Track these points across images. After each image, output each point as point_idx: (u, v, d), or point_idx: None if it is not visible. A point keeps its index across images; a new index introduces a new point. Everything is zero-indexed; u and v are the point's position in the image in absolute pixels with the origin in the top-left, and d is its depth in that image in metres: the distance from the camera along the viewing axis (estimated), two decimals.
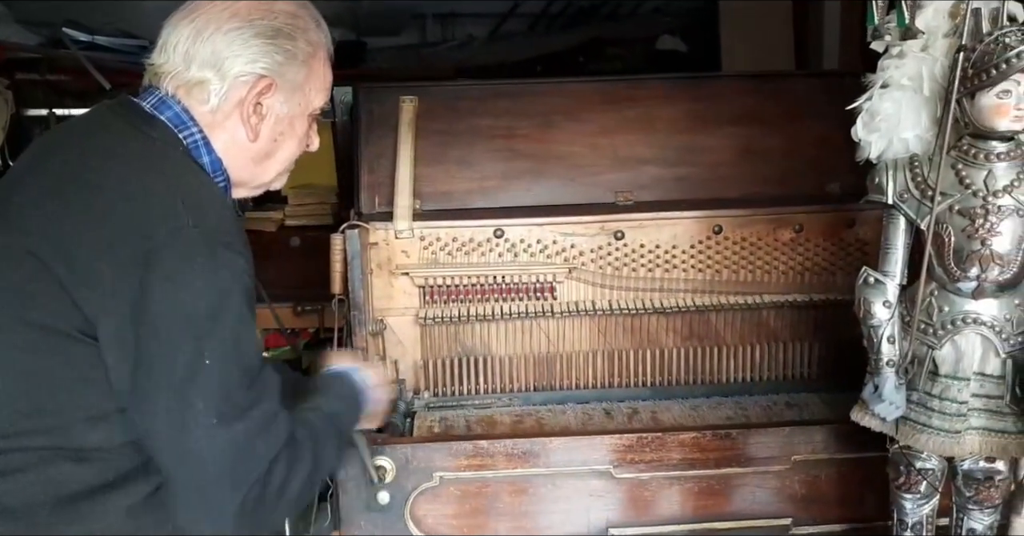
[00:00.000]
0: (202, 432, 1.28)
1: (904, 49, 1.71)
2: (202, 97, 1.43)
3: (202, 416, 1.28)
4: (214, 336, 1.29)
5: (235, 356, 1.32)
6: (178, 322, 1.28)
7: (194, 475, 1.31)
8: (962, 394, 1.67)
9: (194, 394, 1.28)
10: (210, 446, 1.29)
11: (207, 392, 1.29)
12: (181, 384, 1.28)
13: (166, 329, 1.27)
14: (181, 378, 1.28)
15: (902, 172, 1.71)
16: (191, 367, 1.28)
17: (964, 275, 1.64)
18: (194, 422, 1.28)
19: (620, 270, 2.28)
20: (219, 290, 1.30)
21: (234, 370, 1.31)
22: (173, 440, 1.30)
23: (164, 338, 1.27)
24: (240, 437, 1.31)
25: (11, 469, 1.31)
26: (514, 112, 2.42)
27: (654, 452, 1.91)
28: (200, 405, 1.28)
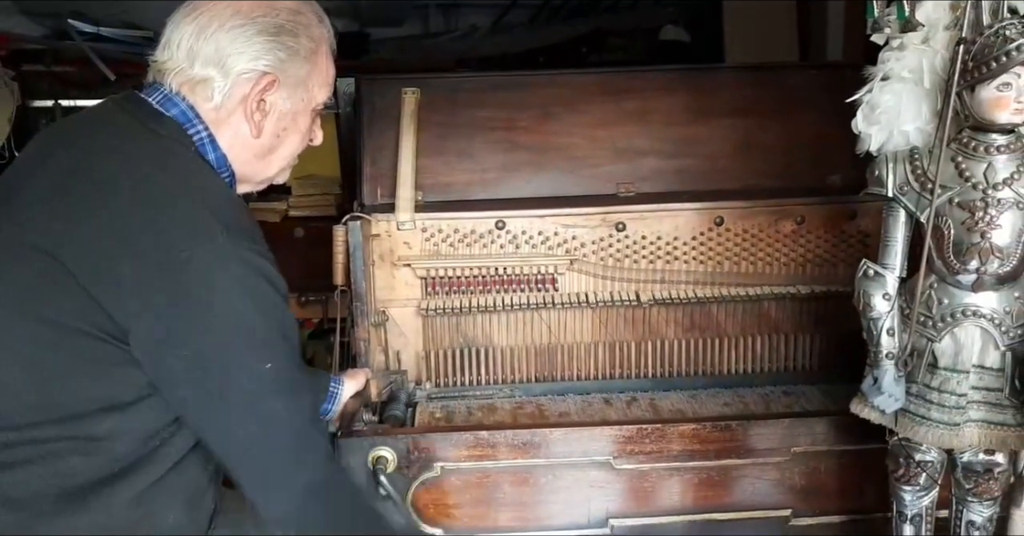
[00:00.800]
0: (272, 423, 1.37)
1: (904, 41, 1.71)
2: (206, 94, 1.44)
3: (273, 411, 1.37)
4: (266, 341, 1.36)
5: (288, 353, 1.39)
6: (234, 331, 1.33)
7: (268, 462, 1.39)
8: (961, 387, 1.67)
9: (262, 396, 1.36)
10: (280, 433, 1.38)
11: (273, 391, 1.36)
12: (248, 389, 1.34)
13: (225, 337, 1.32)
14: (248, 383, 1.34)
15: (902, 165, 1.71)
16: (252, 374, 1.34)
17: (964, 268, 1.64)
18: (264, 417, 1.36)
19: (621, 261, 2.29)
20: (259, 296, 1.34)
21: (290, 368, 1.39)
22: (244, 436, 1.37)
23: (224, 346, 1.32)
24: (300, 426, 1.41)
25: (20, 461, 1.32)
26: (514, 104, 2.42)
27: (654, 443, 1.92)
28: (269, 403, 1.37)
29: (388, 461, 1.85)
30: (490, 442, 1.90)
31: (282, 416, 1.38)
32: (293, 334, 1.43)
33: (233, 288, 1.32)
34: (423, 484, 1.91)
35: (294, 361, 1.41)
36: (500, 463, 1.91)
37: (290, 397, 1.38)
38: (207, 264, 1.30)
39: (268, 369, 1.34)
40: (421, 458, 1.89)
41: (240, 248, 1.33)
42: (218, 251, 1.31)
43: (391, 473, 1.85)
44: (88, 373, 1.32)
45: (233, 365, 1.33)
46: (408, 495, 1.90)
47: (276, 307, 1.37)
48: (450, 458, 1.90)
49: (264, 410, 1.36)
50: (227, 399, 1.34)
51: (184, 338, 1.30)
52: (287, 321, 1.41)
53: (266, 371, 1.34)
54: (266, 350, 1.35)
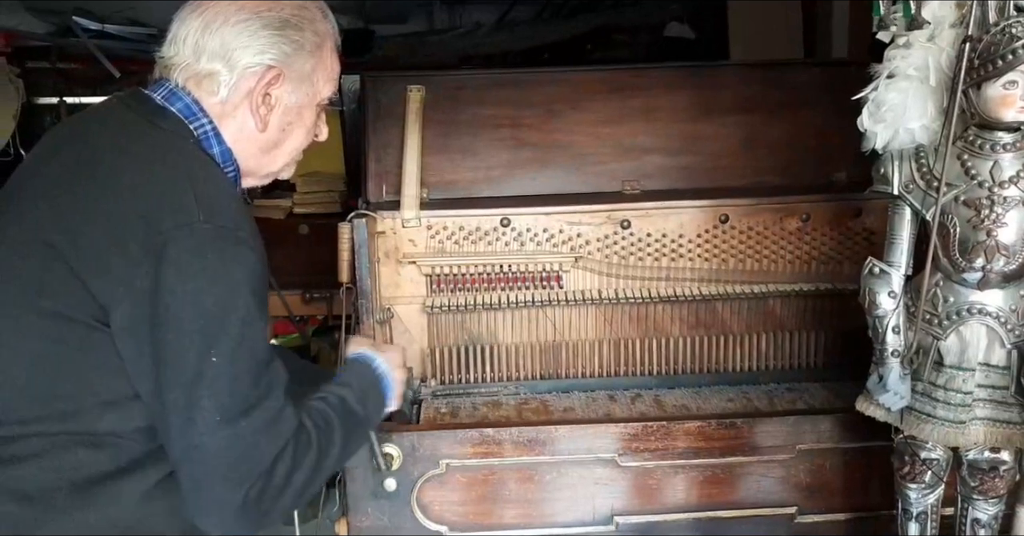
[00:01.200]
0: (205, 429, 1.30)
1: (910, 39, 1.70)
2: (212, 88, 1.44)
3: (207, 413, 1.29)
4: (222, 334, 1.30)
5: (242, 354, 1.32)
6: (188, 318, 1.29)
7: (197, 470, 1.32)
8: (967, 384, 1.67)
9: (200, 391, 1.29)
10: (212, 443, 1.30)
11: (212, 390, 1.30)
12: (189, 381, 1.29)
13: (176, 325, 1.28)
14: (189, 375, 1.29)
15: (908, 163, 1.70)
16: (199, 364, 1.29)
17: (969, 266, 1.64)
18: (200, 419, 1.29)
19: (626, 259, 2.29)
20: (229, 287, 1.31)
21: (241, 368, 1.32)
22: (179, 434, 1.31)
23: (175, 333, 1.29)
24: (243, 434, 1.32)
25: (28, 454, 1.33)
26: (518, 101, 2.42)
27: (659, 441, 1.92)
28: (205, 402, 1.29)
29: (393, 458, 1.86)
30: (495, 439, 1.90)
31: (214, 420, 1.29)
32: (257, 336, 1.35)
33: (199, 275, 1.29)
34: (428, 481, 1.91)
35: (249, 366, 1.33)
36: (505, 460, 1.91)
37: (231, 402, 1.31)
38: (182, 248, 1.29)
39: (212, 364, 1.29)
40: (426, 455, 1.89)
41: (219, 235, 1.31)
42: (194, 236, 1.30)
43: (396, 470, 1.86)
44: (90, 367, 1.32)
45: (179, 358, 1.29)
46: (414, 492, 1.91)
47: (241, 303, 1.31)
48: (455, 455, 1.90)
49: (198, 410, 1.29)
50: (169, 394, 1.30)
51: (147, 327, 1.29)
52: (251, 320, 1.33)
53: (209, 366, 1.29)
54: (214, 344, 1.29)
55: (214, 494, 1.33)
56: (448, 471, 1.91)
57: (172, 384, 1.30)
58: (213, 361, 1.29)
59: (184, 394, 1.29)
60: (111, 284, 1.30)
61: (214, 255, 1.31)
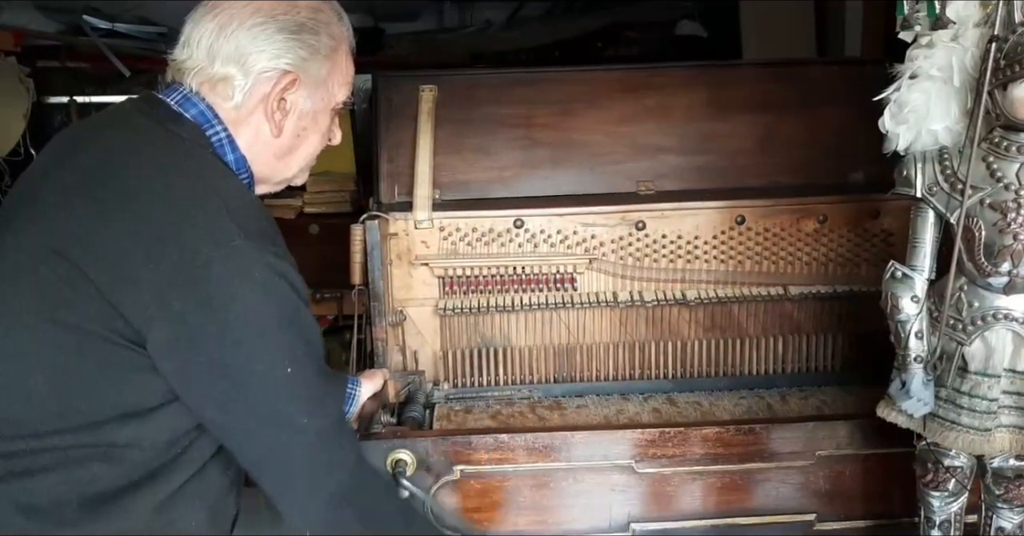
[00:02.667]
0: (297, 431, 1.36)
1: (934, 39, 1.67)
2: (226, 93, 1.42)
3: (294, 417, 1.35)
4: (288, 346, 1.33)
5: (308, 358, 1.36)
6: (253, 336, 1.30)
7: (293, 470, 1.37)
8: (992, 391, 1.63)
9: (282, 401, 1.34)
10: (304, 441, 1.36)
11: (293, 397, 1.34)
12: (268, 394, 1.33)
13: (243, 343, 1.30)
14: (267, 388, 1.32)
15: (931, 165, 1.67)
16: (274, 378, 1.32)
17: (995, 270, 1.60)
18: (288, 423, 1.35)
19: (641, 261, 2.26)
20: (281, 301, 1.32)
21: (311, 370, 1.37)
22: (268, 444, 1.36)
23: (242, 352, 1.30)
24: (327, 427, 1.39)
25: (40, 468, 1.31)
26: (532, 100, 2.40)
27: (676, 447, 1.89)
28: (290, 409, 1.35)
29: (407, 464, 1.83)
30: (510, 445, 1.88)
31: (303, 423, 1.36)
32: (315, 338, 1.40)
33: (253, 293, 1.29)
34: (442, 487, 1.88)
35: (316, 366, 1.39)
36: (520, 466, 1.89)
37: (312, 403, 1.37)
38: (226, 269, 1.28)
39: (288, 375, 1.32)
40: (440, 461, 1.87)
41: (260, 251, 1.31)
42: (237, 255, 1.29)
43: (410, 477, 1.83)
44: (109, 379, 1.31)
45: (251, 372, 1.31)
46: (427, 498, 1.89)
47: (297, 311, 1.35)
48: (470, 461, 1.88)
49: (285, 417, 1.34)
50: (246, 407, 1.33)
51: (201, 344, 1.29)
52: (309, 325, 1.39)
53: (286, 377, 1.32)
54: (286, 356, 1.33)
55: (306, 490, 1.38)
56: (462, 477, 1.88)
57: (249, 399, 1.32)
58: (288, 372, 1.33)
59: (266, 408, 1.33)
60: (139, 300, 1.28)
61: (260, 272, 1.31)
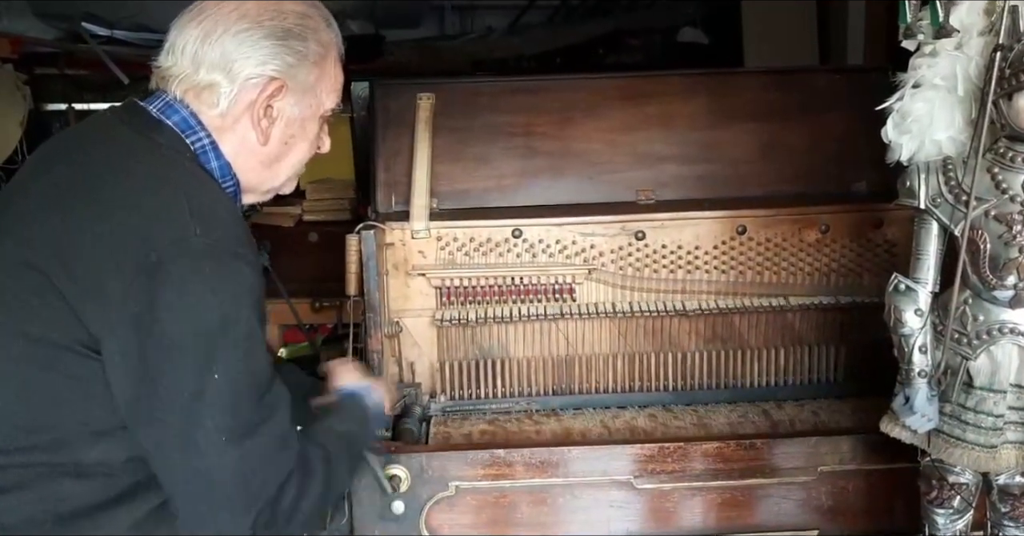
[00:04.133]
0: (211, 450, 1.25)
1: (937, 48, 1.65)
2: (211, 100, 1.40)
3: (211, 433, 1.24)
4: (223, 350, 1.25)
5: (245, 371, 1.28)
6: (185, 335, 1.23)
7: (202, 496, 1.27)
8: (998, 407, 1.61)
9: (202, 410, 1.24)
10: (219, 465, 1.25)
11: (216, 408, 1.25)
12: (189, 400, 1.24)
13: (173, 342, 1.23)
14: (189, 394, 1.24)
15: (935, 175, 1.65)
16: (199, 382, 1.24)
17: (1000, 283, 1.57)
18: (204, 440, 1.24)
19: (641, 271, 2.23)
20: (228, 302, 1.26)
21: (244, 385, 1.27)
22: (180, 459, 1.26)
23: (171, 352, 1.23)
24: (250, 456, 1.27)
25: (10, 486, 1.28)
26: (531, 108, 2.38)
27: (676, 462, 1.87)
28: (209, 422, 1.24)
29: (401, 480, 1.81)
30: (507, 461, 1.86)
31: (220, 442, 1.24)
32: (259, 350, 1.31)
33: (199, 290, 1.24)
34: (437, 504, 1.86)
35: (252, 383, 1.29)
36: (517, 482, 1.87)
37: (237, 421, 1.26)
38: (177, 266, 1.23)
39: (216, 382, 1.24)
40: (435, 477, 1.84)
41: (216, 249, 1.26)
42: (190, 252, 1.24)
43: (404, 492, 1.81)
44: (78, 394, 1.27)
45: (177, 377, 1.24)
46: (422, 514, 1.86)
47: (245, 320, 1.27)
48: (466, 477, 1.86)
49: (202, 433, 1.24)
50: (166, 415, 1.25)
51: (138, 348, 1.23)
52: (252, 335, 1.29)
53: (214, 385, 1.24)
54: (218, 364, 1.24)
55: (220, 523, 1.28)
56: (458, 493, 1.86)
57: (170, 405, 1.24)
58: (215, 378, 1.24)
59: (184, 414, 1.24)
60: (104, 310, 1.24)
61: (212, 270, 1.26)
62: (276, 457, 1.31)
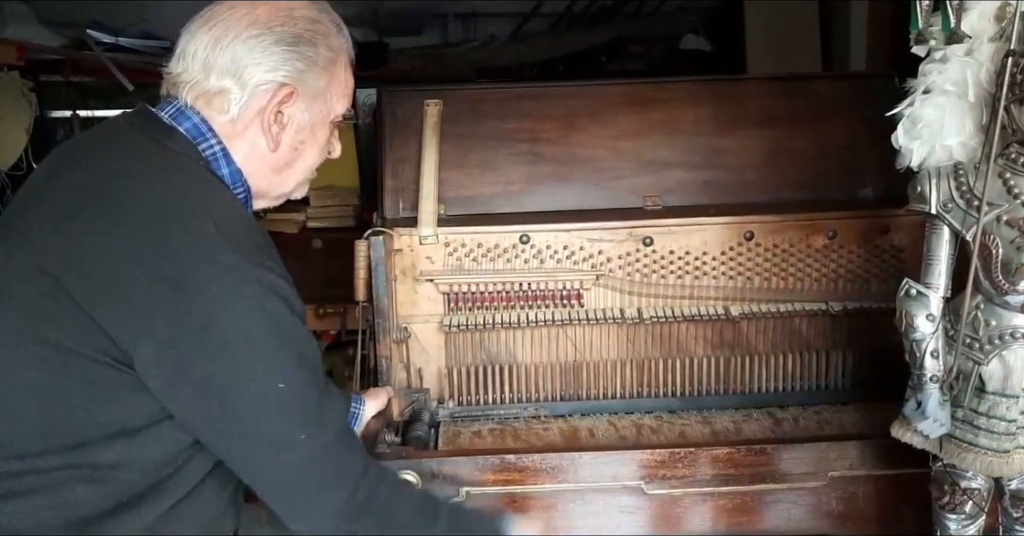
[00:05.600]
0: (296, 449, 1.32)
1: (948, 53, 1.65)
2: (222, 107, 1.40)
3: (291, 434, 1.31)
4: (280, 361, 1.30)
5: (303, 372, 1.33)
6: (242, 353, 1.27)
7: (299, 489, 1.34)
8: (1011, 412, 1.60)
9: (276, 419, 1.30)
10: (306, 459, 1.33)
11: (288, 414, 1.31)
12: (261, 412, 1.29)
13: (232, 361, 1.27)
14: (260, 407, 1.29)
15: (946, 181, 1.65)
16: (267, 395, 1.29)
17: (1013, 288, 1.57)
18: (284, 444, 1.31)
19: (649, 277, 2.23)
20: (272, 316, 1.29)
21: (307, 386, 1.33)
22: (266, 463, 1.33)
23: (232, 370, 1.27)
24: (329, 443, 1.35)
25: (23, 491, 1.28)
26: (537, 115, 2.39)
27: (686, 468, 1.86)
28: (285, 427, 1.31)
29: (412, 485, 1.80)
30: (517, 466, 1.85)
31: (299, 439, 1.32)
32: (311, 352, 1.37)
33: (242, 309, 1.26)
34: None
35: (312, 380, 1.35)
36: (527, 487, 1.86)
37: (308, 418, 1.33)
38: (214, 285, 1.25)
39: (280, 390, 1.29)
40: (446, 482, 1.84)
41: (250, 266, 1.28)
42: (226, 271, 1.26)
43: None
44: (93, 398, 1.28)
45: (241, 391, 1.28)
46: None
47: (290, 326, 1.31)
48: (476, 482, 1.85)
49: (280, 435, 1.31)
50: (239, 427, 1.30)
51: (189, 364, 1.25)
52: (303, 339, 1.35)
53: (278, 393, 1.29)
54: (278, 372, 1.30)
55: (324, 503, 1.35)
56: (468, 499, 1.85)
57: (244, 419, 1.29)
58: (280, 388, 1.29)
59: (262, 425, 1.30)
60: (124, 318, 1.25)
61: (250, 287, 1.28)
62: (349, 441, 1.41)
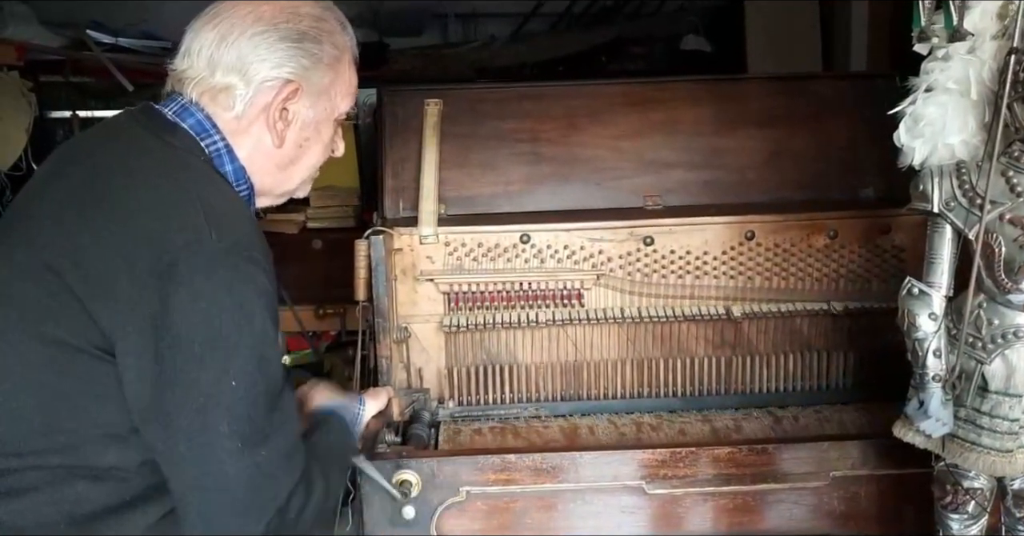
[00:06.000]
0: (226, 456, 1.23)
1: (950, 51, 1.64)
2: (227, 103, 1.39)
3: (226, 439, 1.23)
4: (239, 354, 1.24)
5: (260, 376, 1.26)
6: (201, 339, 1.22)
7: (214, 502, 1.25)
8: (1014, 411, 1.60)
9: (218, 415, 1.22)
10: (234, 471, 1.24)
11: (231, 414, 1.23)
12: (204, 404, 1.22)
13: (189, 346, 1.22)
14: (205, 398, 1.22)
15: (948, 179, 1.64)
16: (215, 386, 1.22)
17: (1016, 287, 1.57)
18: (218, 445, 1.23)
19: (649, 276, 2.23)
20: (243, 306, 1.25)
21: (258, 391, 1.26)
22: (193, 464, 1.24)
23: (187, 356, 1.22)
24: (263, 463, 1.25)
25: (25, 488, 1.27)
26: (537, 115, 2.38)
27: (687, 467, 1.86)
28: (224, 428, 1.22)
29: (412, 485, 1.80)
30: (517, 466, 1.85)
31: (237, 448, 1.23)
32: (273, 356, 1.30)
33: (213, 294, 1.23)
34: (448, 509, 1.85)
35: (266, 387, 1.27)
36: (527, 487, 1.86)
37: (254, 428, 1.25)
38: (191, 268, 1.22)
39: (231, 388, 1.22)
40: (446, 482, 1.83)
41: (230, 254, 1.25)
42: (204, 255, 1.23)
43: (415, 498, 1.80)
44: (93, 397, 1.26)
45: (194, 379, 1.22)
46: (433, 520, 1.85)
47: (263, 329, 1.27)
48: (476, 482, 1.85)
49: (219, 436, 1.23)
50: (184, 421, 1.23)
51: (157, 349, 1.22)
52: (267, 340, 1.28)
53: (229, 390, 1.22)
54: (233, 366, 1.23)
55: (231, 529, 1.26)
56: (468, 498, 1.85)
57: (184, 409, 1.22)
58: (232, 384, 1.23)
59: (199, 420, 1.22)
60: (116, 311, 1.23)
61: (226, 273, 1.24)
62: (287, 465, 1.29)
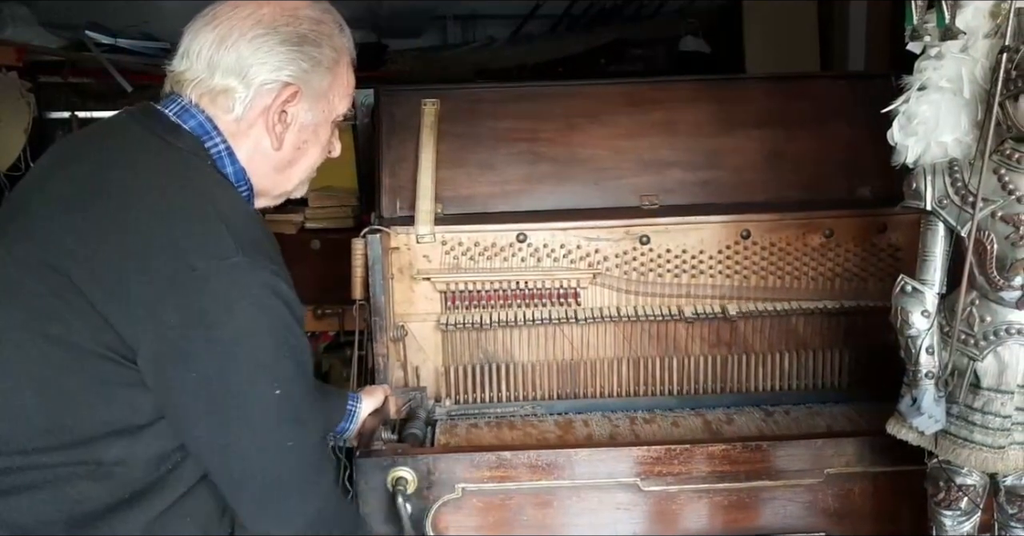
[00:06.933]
0: (281, 453, 1.33)
1: (943, 50, 1.65)
2: (226, 105, 1.40)
3: (281, 440, 1.32)
4: (279, 366, 1.30)
5: (299, 379, 1.33)
6: (244, 356, 1.27)
7: (271, 491, 1.34)
8: (1006, 408, 1.60)
9: (270, 424, 1.31)
10: (285, 463, 1.33)
11: (281, 419, 1.31)
12: (256, 416, 1.30)
13: (233, 363, 1.27)
14: (256, 410, 1.29)
15: (941, 177, 1.65)
16: (263, 399, 1.29)
17: (1007, 284, 1.58)
18: (274, 447, 1.32)
19: (646, 275, 2.24)
20: (274, 320, 1.29)
21: (301, 394, 1.34)
22: (249, 464, 1.32)
23: (232, 372, 1.27)
24: (310, 453, 1.37)
25: (26, 486, 1.28)
26: (536, 115, 2.39)
27: (682, 464, 1.86)
28: (277, 432, 1.32)
29: (408, 482, 1.80)
30: (513, 463, 1.85)
31: (287, 445, 1.33)
32: (306, 359, 1.37)
33: (248, 311, 1.26)
34: (444, 506, 1.85)
35: (306, 387, 1.36)
36: (523, 484, 1.86)
37: (298, 425, 1.34)
38: (222, 285, 1.25)
39: (277, 396, 1.30)
40: (442, 479, 1.84)
41: (258, 268, 1.28)
42: (235, 271, 1.26)
43: (411, 494, 1.80)
44: (99, 395, 1.27)
45: (240, 391, 1.28)
46: (428, 517, 1.85)
47: (290, 331, 1.32)
48: (472, 479, 1.85)
49: (272, 439, 1.32)
50: (233, 426, 1.29)
51: (192, 360, 1.25)
52: (300, 346, 1.35)
53: (275, 397, 1.29)
54: (277, 376, 1.30)
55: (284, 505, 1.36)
56: (464, 495, 1.85)
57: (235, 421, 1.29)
58: (277, 394, 1.30)
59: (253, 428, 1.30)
60: (131, 314, 1.25)
61: (257, 289, 1.28)
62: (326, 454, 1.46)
